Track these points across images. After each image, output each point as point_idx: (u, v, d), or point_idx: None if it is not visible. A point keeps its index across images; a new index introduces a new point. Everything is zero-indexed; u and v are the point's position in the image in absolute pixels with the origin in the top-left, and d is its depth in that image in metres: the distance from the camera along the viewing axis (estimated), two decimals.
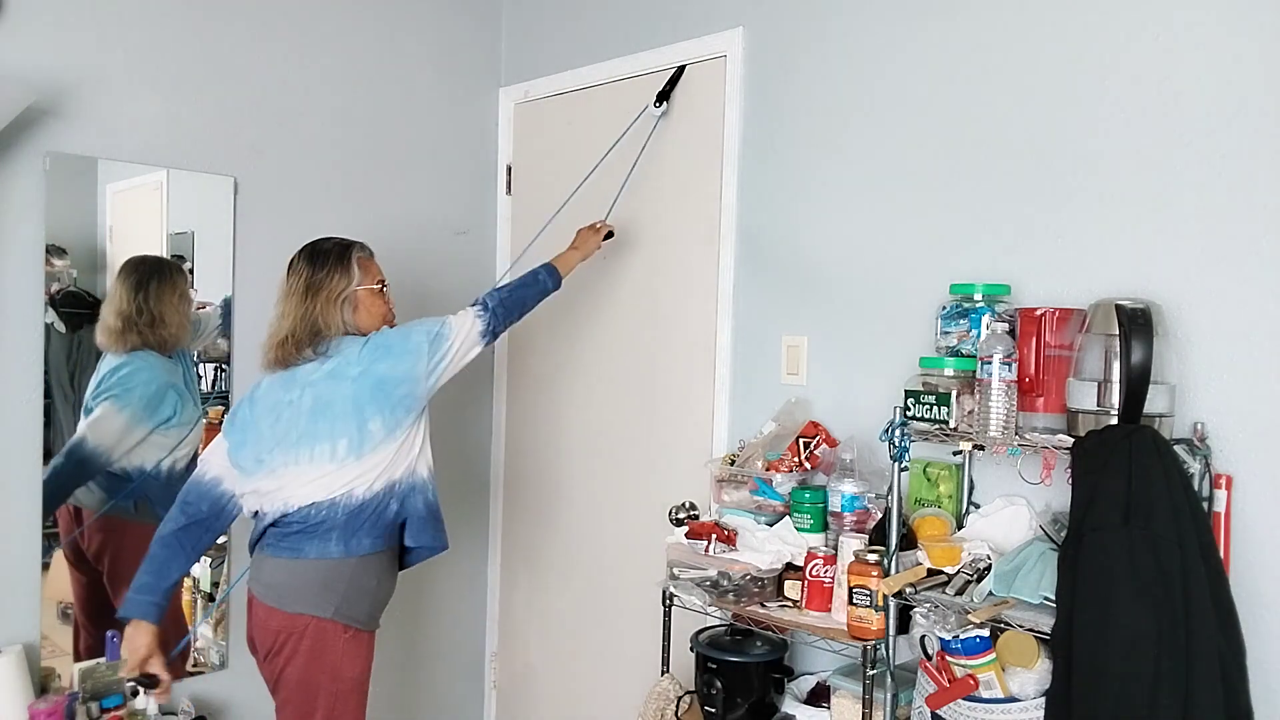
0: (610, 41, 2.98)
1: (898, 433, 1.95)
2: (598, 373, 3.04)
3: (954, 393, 1.95)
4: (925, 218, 2.26)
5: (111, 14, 2.48)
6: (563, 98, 3.15)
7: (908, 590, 1.91)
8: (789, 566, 2.18)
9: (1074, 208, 2.03)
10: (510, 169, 3.33)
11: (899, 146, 2.31)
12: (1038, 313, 1.91)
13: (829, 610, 2.09)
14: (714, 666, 2.20)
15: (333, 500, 2.11)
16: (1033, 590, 1.78)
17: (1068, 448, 1.78)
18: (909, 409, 1.99)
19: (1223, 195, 1.84)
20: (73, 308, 2.44)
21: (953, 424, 1.94)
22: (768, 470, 2.30)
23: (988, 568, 1.89)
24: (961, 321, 2.02)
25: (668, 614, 2.37)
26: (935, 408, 1.96)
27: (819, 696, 2.22)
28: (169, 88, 2.59)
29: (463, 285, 3.24)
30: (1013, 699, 1.79)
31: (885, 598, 1.95)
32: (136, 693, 2.42)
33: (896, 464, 1.96)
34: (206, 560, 2.72)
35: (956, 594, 1.86)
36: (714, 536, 2.21)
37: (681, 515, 2.40)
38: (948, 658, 1.84)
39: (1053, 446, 1.82)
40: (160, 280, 2.56)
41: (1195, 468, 1.76)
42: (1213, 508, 1.78)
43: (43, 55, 2.37)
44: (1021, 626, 1.77)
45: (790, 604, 2.16)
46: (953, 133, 2.22)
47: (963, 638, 1.81)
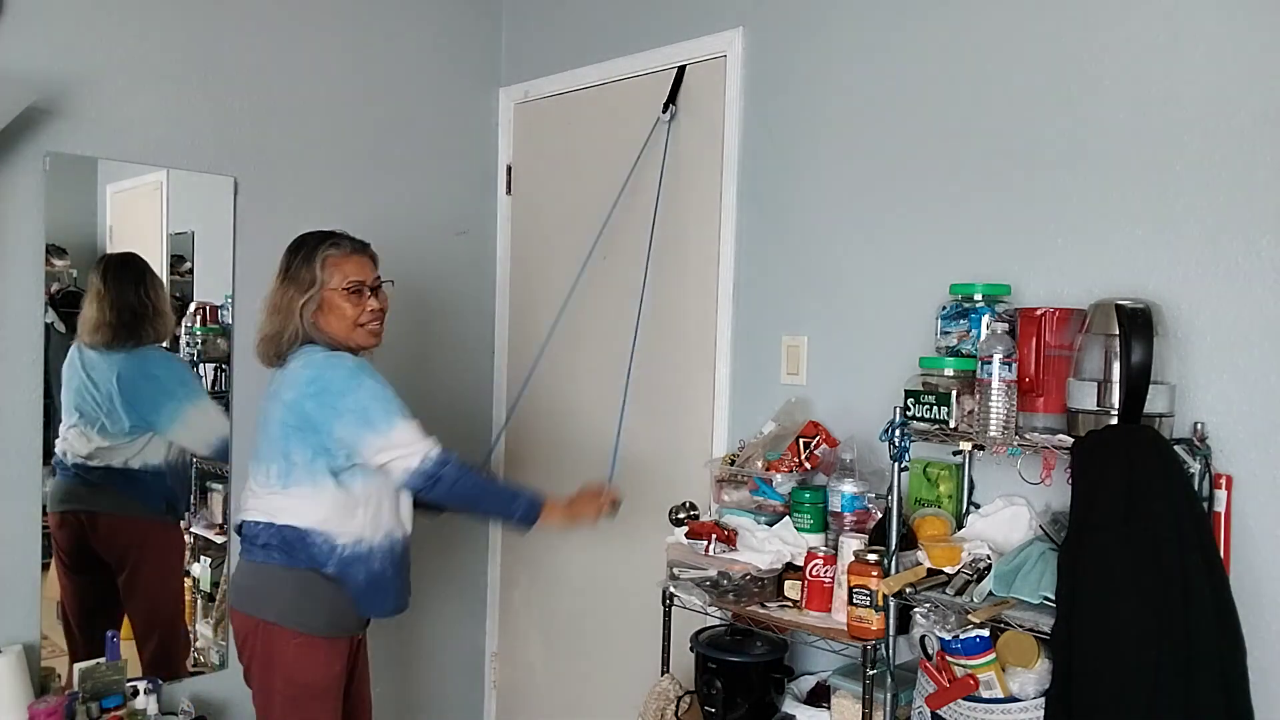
0: (610, 41, 2.98)
1: (898, 433, 1.95)
2: (598, 371, 3.04)
3: (954, 393, 1.95)
4: (925, 217, 2.26)
5: (111, 14, 2.48)
6: (563, 98, 3.15)
7: (908, 590, 1.91)
8: (789, 566, 2.18)
9: (1074, 208, 2.03)
10: (510, 169, 3.33)
11: (899, 146, 2.31)
12: (1038, 313, 1.91)
13: (829, 610, 2.09)
14: (714, 666, 2.19)
15: (270, 521, 2.09)
16: (1033, 590, 1.78)
17: (1068, 448, 1.78)
18: (909, 409, 1.99)
19: (1223, 195, 1.84)
20: (73, 308, 2.44)
21: (953, 424, 1.94)
22: (768, 470, 2.29)
23: (988, 568, 1.88)
24: (961, 321, 2.02)
25: (668, 614, 2.37)
26: (935, 408, 1.96)
27: (819, 696, 2.21)
28: (169, 88, 2.59)
29: (463, 285, 3.24)
30: (1013, 699, 1.79)
31: (885, 598, 1.95)
32: (136, 692, 2.43)
33: (896, 464, 1.96)
34: (206, 560, 2.72)
35: (956, 594, 1.86)
36: (714, 536, 2.21)
37: (681, 515, 2.40)
38: (948, 658, 1.84)
39: (1053, 446, 1.82)
40: (150, 275, 2.57)
41: (1195, 468, 1.76)
42: (1213, 508, 1.78)
43: (43, 55, 2.37)
44: (1021, 626, 1.77)
45: (790, 604, 2.16)
46: (953, 132, 2.22)
47: (963, 638, 1.81)
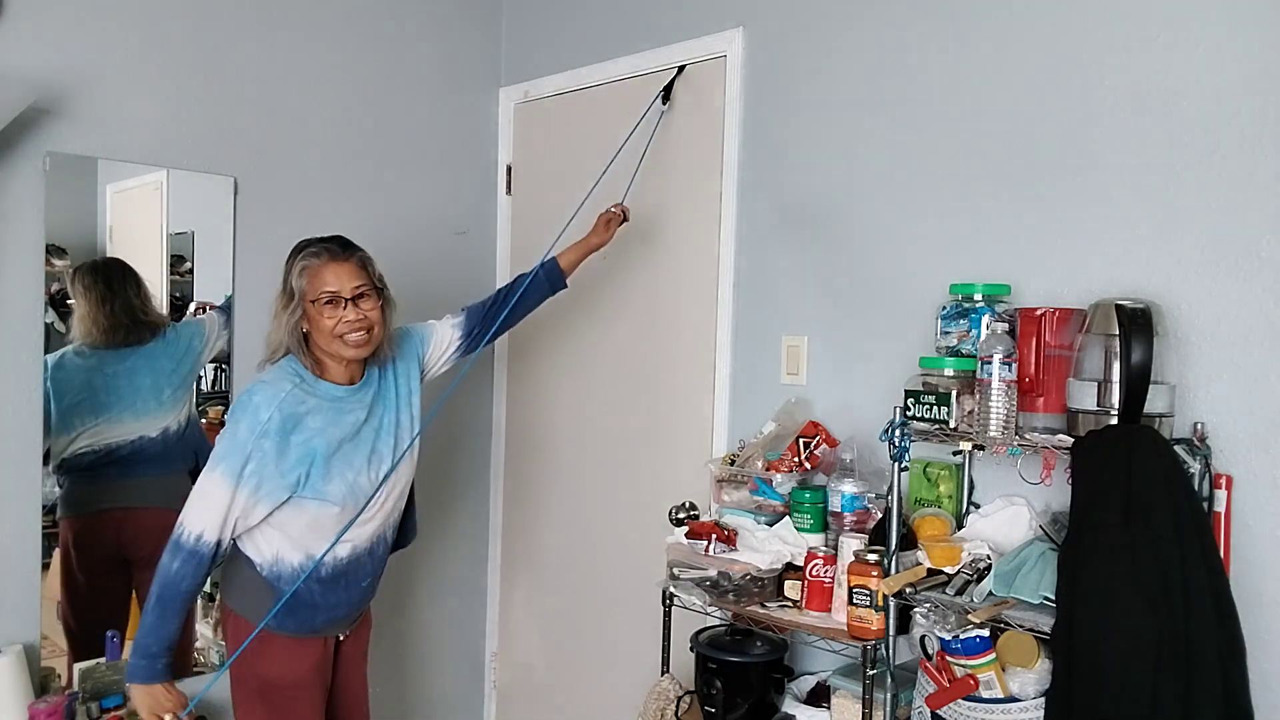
0: (610, 41, 2.98)
1: (898, 433, 1.95)
2: (597, 372, 3.04)
3: (954, 393, 1.95)
4: (925, 217, 2.26)
5: (111, 14, 2.48)
6: (563, 98, 3.15)
7: (908, 590, 1.91)
8: (789, 566, 2.18)
9: (1074, 208, 2.03)
10: (510, 169, 3.33)
11: (899, 146, 2.31)
12: (1038, 313, 1.91)
13: (829, 610, 2.09)
14: (714, 666, 2.19)
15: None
16: (1033, 590, 1.78)
17: (1068, 448, 1.78)
18: (909, 409, 1.99)
19: (1223, 195, 1.85)
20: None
21: (953, 424, 1.94)
22: (768, 470, 2.30)
23: (988, 568, 1.88)
24: (961, 321, 2.02)
25: (668, 614, 2.37)
26: (935, 408, 1.96)
27: (819, 696, 2.21)
28: (169, 88, 2.58)
29: (463, 285, 3.24)
30: (1013, 699, 1.79)
31: (885, 598, 1.95)
32: None
33: (896, 464, 1.96)
34: None
35: (956, 594, 1.86)
36: (714, 536, 2.21)
37: (681, 515, 2.40)
38: (948, 658, 1.84)
39: (1053, 446, 1.82)
40: (138, 277, 2.57)
41: (1195, 468, 1.76)
42: (1213, 508, 1.78)
43: (43, 55, 2.37)
44: (1021, 626, 1.77)
45: (790, 604, 2.16)
46: (953, 132, 2.22)
47: (963, 638, 1.81)
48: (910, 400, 2.00)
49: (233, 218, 2.71)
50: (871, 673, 1.97)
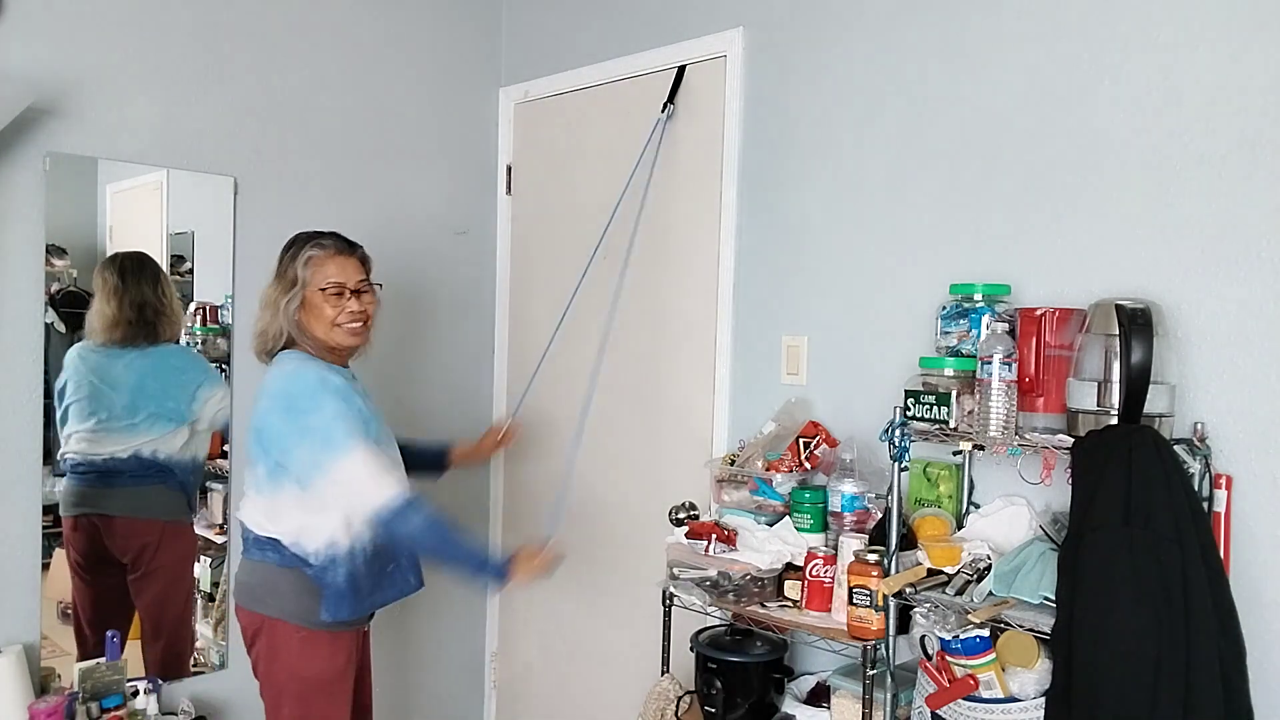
0: (610, 41, 2.98)
1: (898, 433, 1.95)
2: (598, 372, 3.03)
3: (954, 393, 1.95)
4: (925, 218, 2.26)
5: (111, 14, 2.48)
6: (563, 98, 3.15)
7: (908, 590, 1.91)
8: (789, 566, 2.18)
9: (1074, 208, 2.03)
10: (510, 169, 3.33)
11: (899, 146, 2.31)
12: (1038, 313, 1.91)
13: (829, 610, 2.09)
14: (714, 666, 2.20)
15: (258, 523, 2.13)
16: (1033, 590, 1.78)
17: (1068, 448, 1.78)
18: (909, 409, 1.99)
19: (1223, 195, 1.84)
20: (73, 308, 2.44)
21: (953, 424, 1.94)
22: (768, 470, 2.30)
23: (988, 568, 1.88)
24: (961, 321, 2.02)
25: (668, 614, 2.37)
26: (935, 408, 1.96)
27: (819, 696, 2.22)
28: (169, 88, 2.59)
29: (463, 285, 3.24)
30: (1013, 699, 1.79)
31: (885, 598, 1.95)
32: (136, 693, 2.43)
33: (896, 464, 1.96)
34: (206, 560, 2.72)
35: (956, 594, 1.86)
36: (714, 536, 2.21)
37: (681, 515, 2.40)
38: (948, 658, 1.84)
39: (1053, 446, 1.82)
40: (160, 274, 2.57)
41: (1195, 468, 1.76)
42: (1213, 508, 1.78)
43: (43, 55, 2.37)
44: (1021, 626, 1.77)
45: (790, 604, 2.16)
46: (952, 132, 2.22)
47: (963, 638, 1.81)
48: (910, 400, 2.00)
49: (233, 218, 2.71)
50: (871, 673, 1.97)
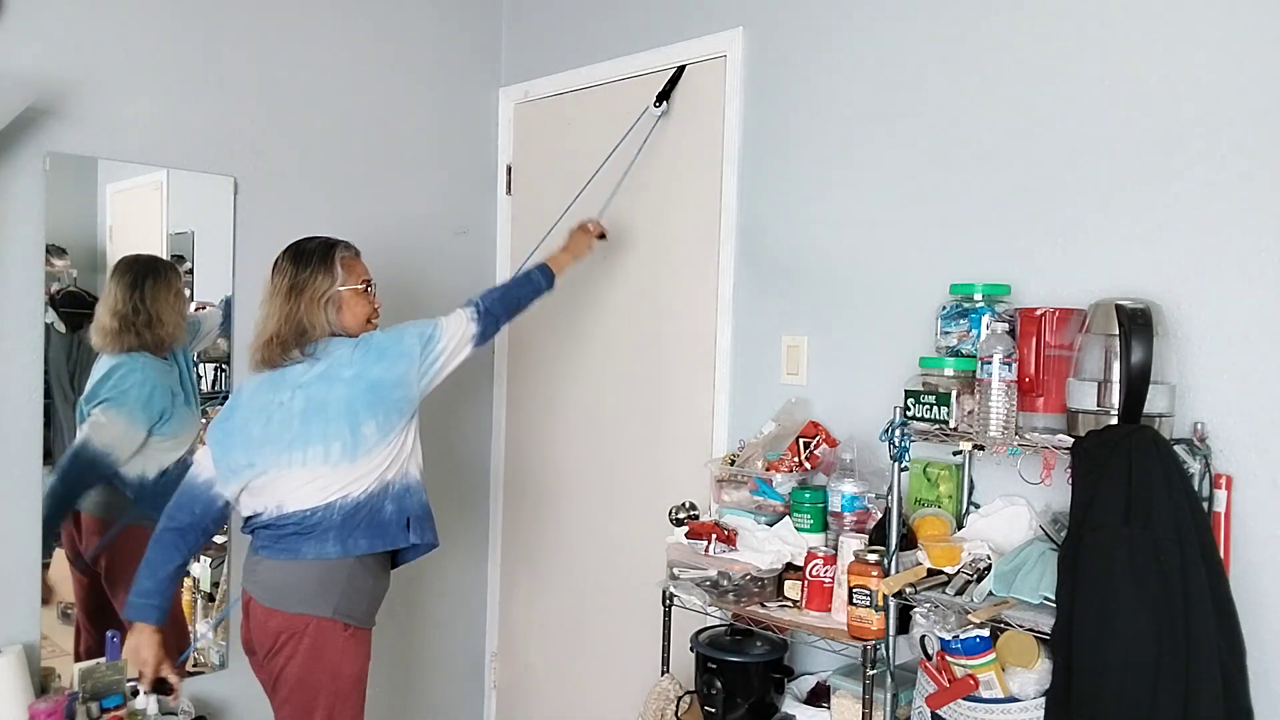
0: (610, 41, 2.98)
1: (898, 433, 1.95)
2: (598, 372, 3.04)
3: (954, 393, 1.95)
4: (925, 218, 2.26)
5: (111, 14, 2.48)
6: (563, 98, 3.15)
7: (908, 590, 1.91)
8: (789, 566, 2.18)
9: (1074, 208, 2.03)
10: (510, 169, 3.33)
11: (899, 146, 2.31)
12: (1038, 313, 1.91)
13: (829, 610, 2.09)
14: (714, 666, 2.19)
15: (329, 503, 2.11)
16: (1033, 590, 1.78)
17: (1068, 448, 1.78)
18: (909, 409, 1.99)
19: (1223, 195, 1.84)
20: (73, 308, 2.44)
21: (953, 424, 1.94)
22: (768, 470, 2.30)
23: (988, 568, 1.88)
24: (961, 321, 2.02)
25: (668, 614, 2.37)
26: (935, 408, 1.96)
27: (819, 696, 2.22)
28: (169, 88, 2.59)
29: (463, 285, 3.24)
30: (1013, 699, 1.79)
31: (885, 598, 1.95)
32: (136, 693, 2.42)
33: (896, 464, 1.96)
34: (206, 560, 2.72)
35: (956, 594, 1.86)
36: (714, 536, 2.21)
37: (681, 515, 2.40)
38: (948, 658, 1.84)
39: (1053, 446, 1.82)
40: (156, 279, 2.55)
41: (1195, 468, 1.76)
42: (1213, 508, 1.78)
43: (43, 55, 2.37)
44: (1021, 626, 1.77)
45: (790, 604, 2.16)
46: (953, 132, 2.22)
47: (963, 638, 1.81)
48: (910, 400, 2.00)
49: (233, 218, 2.71)
50: (871, 673, 1.97)
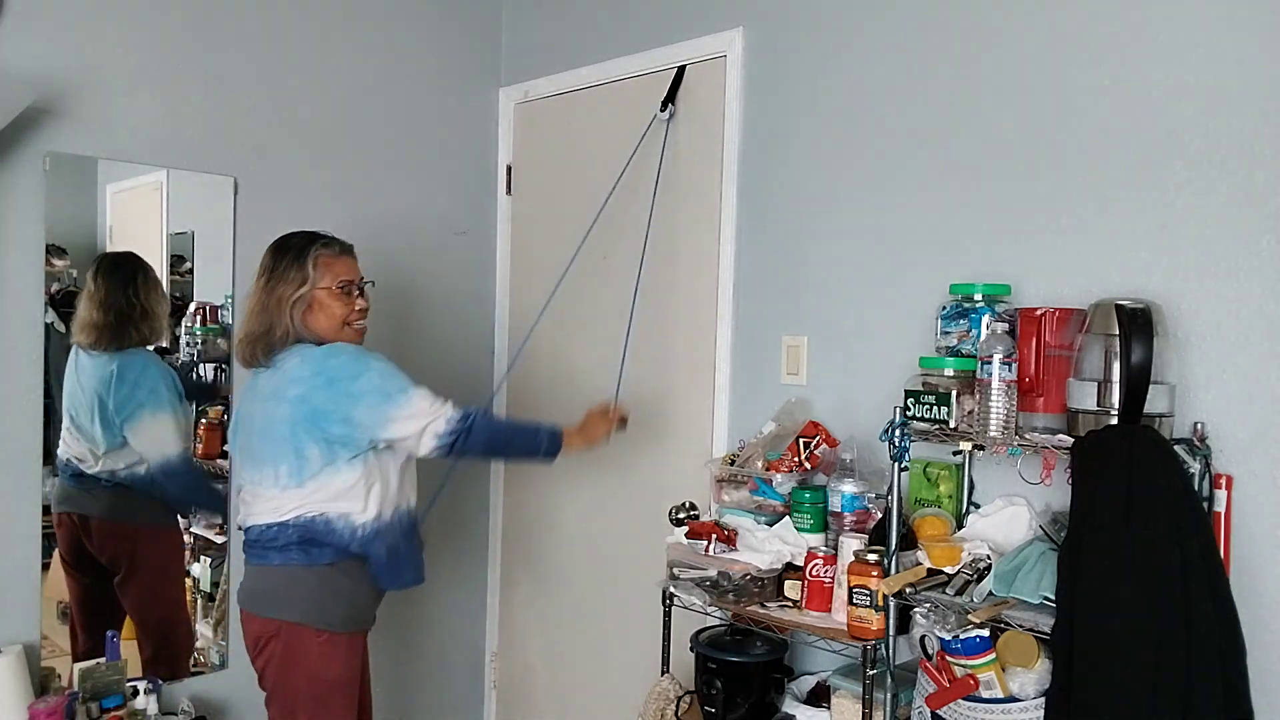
0: (610, 41, 2.98)
1: (898, 433, 1.95)
2: (598, 372, 3.04)
3: (954, 393, 1.95)
4: (925, 218, 2.26)
5: (111, 14, 2.48)
6: (563, 98, 3.15)
7: (908, 590, 1.91)
8: (789, 566, 2.18)
9: (1074, 208, 2.03)
10: (510, 169, 3.33)
11: (899, 146, 2.31)
12: (1038, 313, 1.91)
13: (829, 610, 2.09)
14: (714, 666, 2.19)
15: (283, 521, 2.09)
16: (1033, 590, 1.78)
17: (1068, 448, 1.78)
18: (909, 409, 1.99)
19: (1222, 195, 1.85)
20: (73, 308, 2.44)
21: (953, 424, 1.94)
22: (768, 470, 2.30)
23: (988, 568, 1.88)
24: (961, 321, 2.02)
25: (668, 614, 2.37)
26: (935, 408, 1.96)
27: (819, 696, 2.21)
28: (169, 88, 2.58)
29: (463, 285, 3.24)
30: (1013, 699, 1.79)
31: (885, 598, 1.95)
32: (136, 693, 2.43)
33: (896, 464, 1.96)
34: (206, 560, 2.72)
35: (956, 594, 1.86)
36: (714, 536, 2.21)
37: (681, 515, 2.40)
38: (948, 658, 1.84)
39: (1053, 446, 1.82)
40: (145, 275, 2.56)
41: (1195, 468, 1.76)
42: (1213, 508, 1.78)
43: (43, 55, 2.37)
44: (1021, 626, 1.77)
45: (790, 604, 2.16)
46: (953, 132, 2.22)
47: (963, 638, 1.81)
48: (910, 400, 2.00)
49: (233, 218, 2.71)
50: (871, 673, 1.97)
